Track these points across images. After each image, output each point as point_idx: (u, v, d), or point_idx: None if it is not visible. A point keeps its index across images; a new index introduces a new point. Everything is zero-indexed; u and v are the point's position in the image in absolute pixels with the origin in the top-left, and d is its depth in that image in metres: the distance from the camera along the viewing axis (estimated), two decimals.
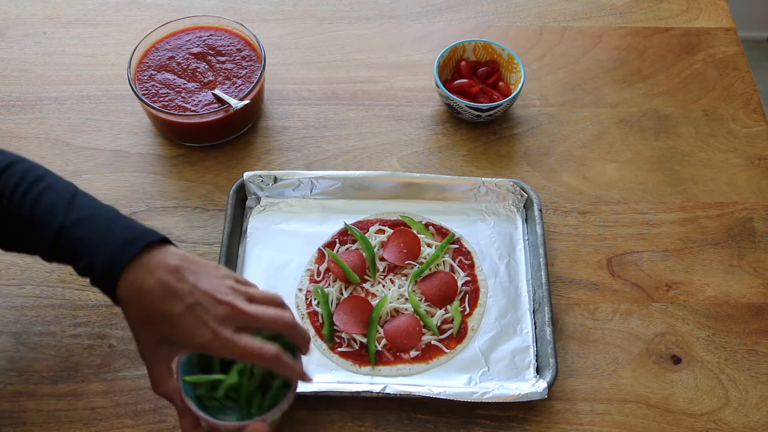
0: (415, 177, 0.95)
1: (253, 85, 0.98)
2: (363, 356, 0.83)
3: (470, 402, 0.79)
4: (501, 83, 1.04)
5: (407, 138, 1.03)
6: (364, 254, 0.90)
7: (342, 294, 0.87)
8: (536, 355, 0.84)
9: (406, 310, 0.86)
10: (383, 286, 0.88)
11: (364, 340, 0.84)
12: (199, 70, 1.00)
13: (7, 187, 0.69)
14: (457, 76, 1.04)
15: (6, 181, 0.69)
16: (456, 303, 0.87)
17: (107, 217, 0.69)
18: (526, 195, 0.94)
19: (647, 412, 0.82)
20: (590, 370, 0.84)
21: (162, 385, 0.67)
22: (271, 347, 0.64)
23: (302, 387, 0.78)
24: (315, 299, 0.87)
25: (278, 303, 0.69)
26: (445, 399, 0.78)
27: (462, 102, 0.98)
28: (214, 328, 0.63)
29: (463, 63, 1.05)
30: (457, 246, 0.91)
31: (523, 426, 0.80)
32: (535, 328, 0.85)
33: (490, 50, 1.05)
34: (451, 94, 0.99)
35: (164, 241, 0.68)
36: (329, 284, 0.88)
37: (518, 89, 1.00)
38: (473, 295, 0.88)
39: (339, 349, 0.84)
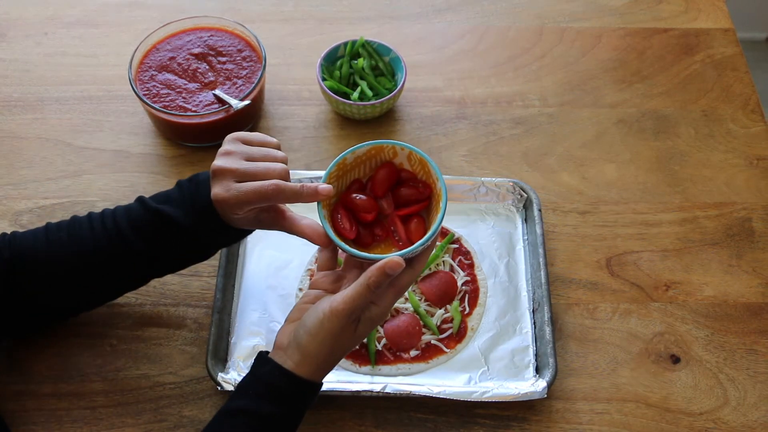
0: None
1: (253, 85, 0.98)
2: (363, 356, 0.83)
3: (470, 401, 0.79)
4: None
5: (407, 138, 1.03)
6: None
7: None
8: (535, 355, 0.84)
9: (406, 309, 0.86)
10: None
11: (365, 340, 0.84)
12: (199, 70, 1.00)
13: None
14: None
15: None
16: (456, 303, 0.87)
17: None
18: (525, 195, 0.94)
19: (646, 411, 0.82)
20: (589, 370, 0.85)
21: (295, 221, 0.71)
22: (269, 182, 0.67)
23: None
24: None
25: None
26: (445, 398, 0.79)
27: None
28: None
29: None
30: (457, 246, 0.92)
31: (523, 425, 0.81)
32: (535, 327, 0.86)
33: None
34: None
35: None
36: None
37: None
38: (473, 294, 0.88)
39: None
